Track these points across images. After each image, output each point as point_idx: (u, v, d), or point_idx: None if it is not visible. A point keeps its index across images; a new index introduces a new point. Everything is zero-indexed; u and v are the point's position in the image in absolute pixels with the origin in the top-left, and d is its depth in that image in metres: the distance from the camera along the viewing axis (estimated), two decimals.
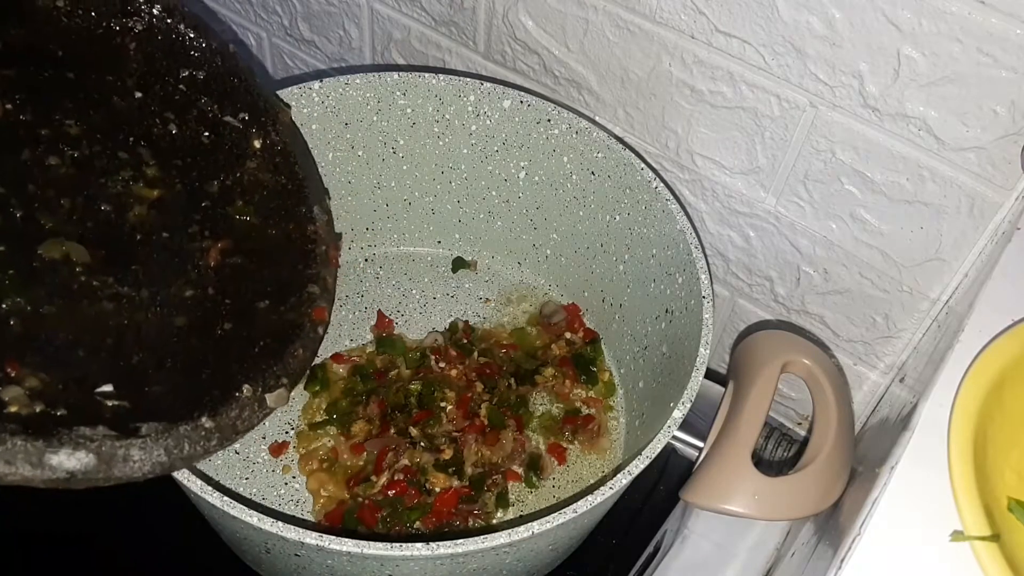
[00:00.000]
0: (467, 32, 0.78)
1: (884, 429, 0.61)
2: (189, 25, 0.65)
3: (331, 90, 0.72)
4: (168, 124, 0.63)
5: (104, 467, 0.45)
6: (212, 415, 0.51)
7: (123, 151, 0.61)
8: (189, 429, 0.50)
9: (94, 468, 0.45)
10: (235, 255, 0.61)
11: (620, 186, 0.72)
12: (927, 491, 0.43)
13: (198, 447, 0.50)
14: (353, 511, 0.65)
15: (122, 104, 0.62)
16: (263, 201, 0.64)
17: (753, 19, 0.60)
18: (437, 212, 0.82)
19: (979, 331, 0.49)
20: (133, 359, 0.53)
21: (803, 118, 0.63)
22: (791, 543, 0.68)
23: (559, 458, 0.71)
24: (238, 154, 0.65)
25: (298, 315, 0.60)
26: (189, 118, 0.64)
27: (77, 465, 0.44)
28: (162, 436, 0.48)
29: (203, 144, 0.64)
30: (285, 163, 0.66)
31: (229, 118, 0.64)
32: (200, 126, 0.64)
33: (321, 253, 0.64)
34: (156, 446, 0.48)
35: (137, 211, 0.59)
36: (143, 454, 0.47)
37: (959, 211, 0.61)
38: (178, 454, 0.49)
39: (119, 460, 0.46)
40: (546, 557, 0.63)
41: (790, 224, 0.69)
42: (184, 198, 0.62)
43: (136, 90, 0.63)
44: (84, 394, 0.48)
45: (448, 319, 0.79)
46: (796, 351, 0.65)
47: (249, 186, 0.64)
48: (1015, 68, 0.53)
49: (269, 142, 0.65)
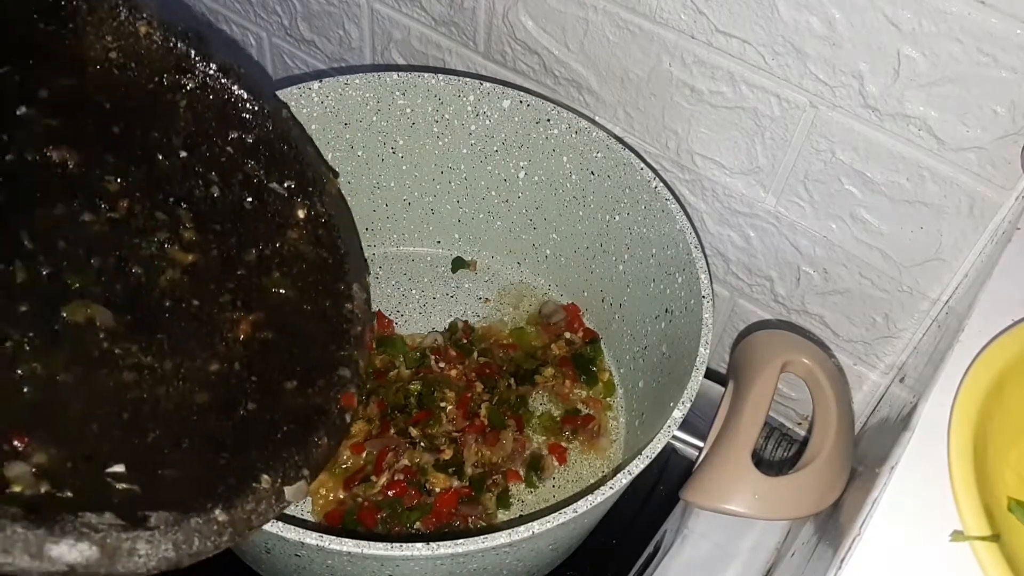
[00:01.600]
0: (467, 32, 0.78)
1: (884, 429, 0.61)
2: (243, 86, 0.62)
3: (331, 90, 0.72)
4: (211, 187, 0.60)
5: (107, 561, 0.42)
6: (226, 507, 0.48)
7: (161, 211, 0.58)
8: (201, 522, 0.46)
9: (96, 562, 0.42)
10: (266, 330, 0.58)
11: (620, 186, 0.72)
12: (927, 491, 0.43)
13: (208, 543, 0.46)
14: (353, 512, 0.65)
15: (165, 163, 0.60)
16: (301, 274, 0.62)
17: (753, 19, 0.60)
18: (437, 212, 0.82)
19: (979, 331, 0.49)
20: (148, 437, 0.49)
21: (803, 118, 0.63)
22: (791, 543, 0.69)
23: (560, 458, 0.71)
24: (280, 223, 0.62)
25: (325, 400, 0.57)
26: (233, 182, 0.61)
27: (78, 558, 0.41)
28: (171, 529, 0.45)
29: (245, 210, 0.61)
30: (328, 236, 0.63)
31: (275, 184, 0.62)
32: (244, 191, 0.62)
33: (356, 334, 0.61)
34: (164, 540, 0.44)
35: (169, 275, 0.56)
36: (150, 548, 0.44)
37: (959, 211, 0.61)
38: (186, 550, 0.45)
39: (124, 554, 0.43)
40: (546, 557, 0.63)
41: (790, 224, 0.69)
42: (219, 265, 0.59)
43: (182, 149, 0.60)
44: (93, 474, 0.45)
45: (448, 319, 0.79)
46: (796, 351, 0.65)
47: (288, 257, 0.62)
48: (1015, 68, 0.53)
49: (314, 213, 0.63)
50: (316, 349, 0.60)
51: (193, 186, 0.60)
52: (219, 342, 0.56)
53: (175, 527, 0.45)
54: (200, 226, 0.59)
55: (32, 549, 0.40)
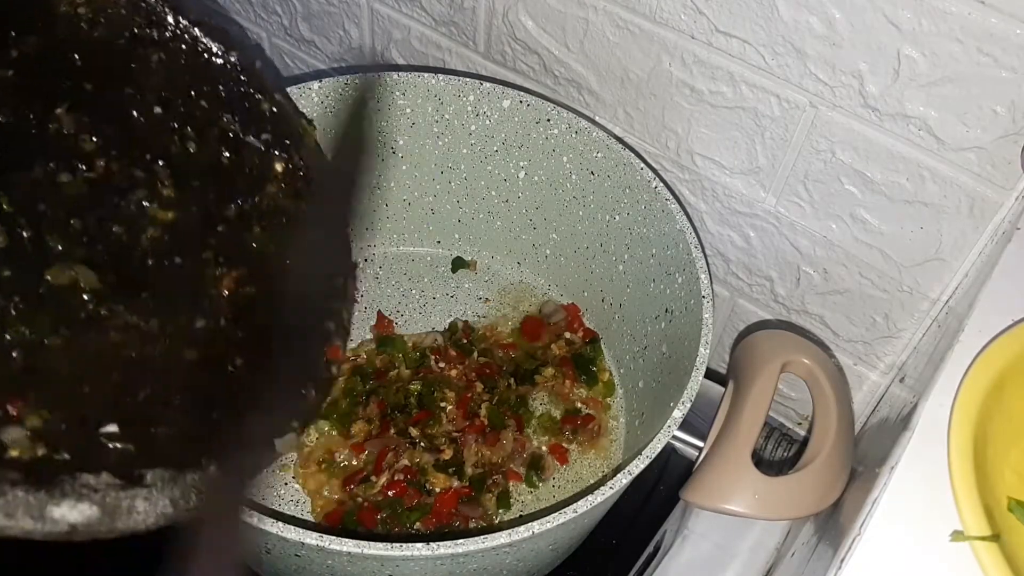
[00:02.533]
0: (467, 32, 0.78)
1: (884, 429, 0.61)
2: (215, 39, 0.62)
3: (331, 90, 0.72)
4: (187, 142, 0.60)
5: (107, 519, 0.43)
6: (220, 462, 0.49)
7: (139, 169, 0.58)
8: (196, 478, 0.47)
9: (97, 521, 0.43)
10: (250, 285, 0.59)
11: (620, 186, 0.72)
12: (927, 491, 0.43)
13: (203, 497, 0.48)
14: (353, 512, 0.65)
15: (140, 120, 0.59)
16: (282, 229, 0.62)
17: (753, 19, 0.60)
18: (437, 212, 0.82)
19: (979, 331, 0.49)
20: (139, 395, 0.50)
21: (803, 118, 0.63)
22: (791, 543, 0.69)
23: (561, 459, 0.71)
24: (258, 177, 0.62)
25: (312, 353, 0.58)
26: (209, 137, 0.61)
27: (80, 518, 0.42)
28: (168, 486, 0.46)
29: (222, 165, 0.61)
30: (307, 189, 0.63)
31: (251, 138, 0.62)
32: (220, 145, 0.61)
33: (339, 286, 0.62)
34: (162, 496, 0.45)
35: (151, 234, 0.56)
36: (148, 505, 0.45)
37: (959, 211, 0.61)
38: (184, 505, 0.46)
39: (123, 512, 0.44)
40: (546, 557, 0.63)
41: (790, 224, 0.69)
42: (200, 222, 0.59)
43: (156, 105, 0.60)
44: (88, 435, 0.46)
45: (448, 319, 0.79)
46: (796, 351, 0.65)
47: (268, 212, 0.62)
48: (1015, 68, 0.53)
49: (292, 166, 0.63)
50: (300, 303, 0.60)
51: (169, 142, 0.60)
52: (203, 299, 0.57)
53: (171, 483, 0.46)
54: (178, 183, 0.59)
55: (34, 512, 0.41)
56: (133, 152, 0.58)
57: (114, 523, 0.43)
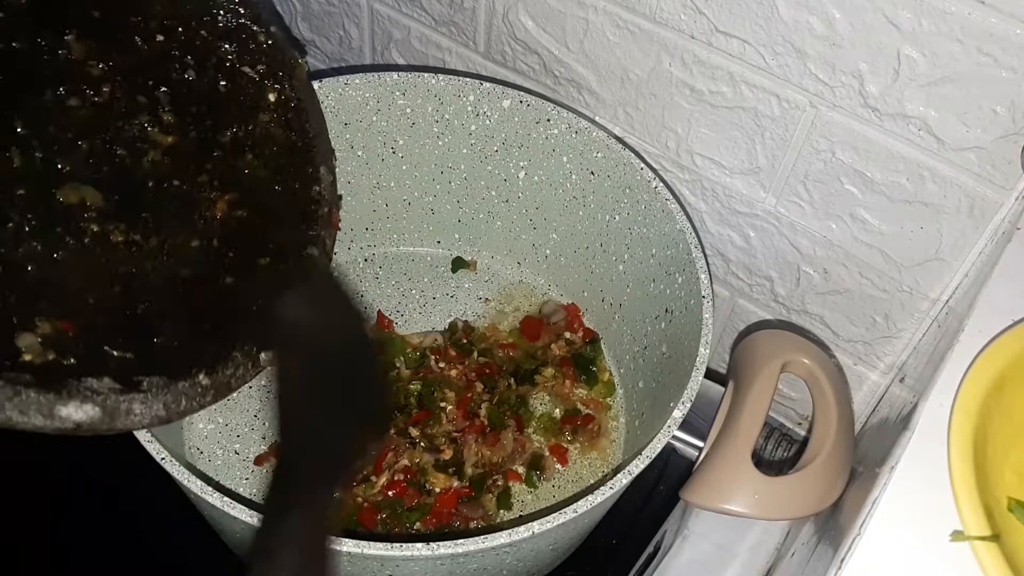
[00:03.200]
0: (467, 32, 0.78)
1: (884, 429, 0.61)
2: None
3: (331, 90, 0.72)
4: (187, 70, 0.63)
5: (108, 419, 0.47)
6: (209, 372, 0.52)
7: (142, 95, 0.61)
8: (187, 386, 0.51)
9: (99, 420, 0.47)
10: (241, 208, 0.62)
11: (619, 186, 0.72)
12: (927, 491, 0.43)
13: (194, 403, 0.52)
14: (353, 512, 0.65)
15: (144, 47, 0.62)
16: (272, 156, 0.65)
17: (753, 19, 0.60)
18: (437, 212, 0.82)
19: (979, 331, 0.49)
20: (139, 308, 0.54)
21: (803, 118, 0.63)
22: (791, 543, 0.68)
23: (561, 459, 0.71)
24: (252, 106, 0.65)
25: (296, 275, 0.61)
26: (208, 65, 0.64)
27: (84, 417, 0.46)
28: (162, 391, 0.50)
29: (219, 93, 0.64)
30: (297, 120, 0.66)
31: (247, 68, 0.65)
32: (217, 74, 0.64)
33: (323, 215, 0.64)
34: (156, 401, 0.49)
35: (151, 156, 0.60)
36: (144, 408, 0.49)
37: (959, 211, 0.61)
38: (175, 408, 0.51)
39: (122, 413, 0.48)
40: (546, 557, 0.63)
41: (790, 224, 0.69)
42: (196, 147, 0.62)
43: (159, 33, 0.63)
44: (92, 343, 0.50)
45: (448, 319, 0.79)
46: (796, 351, 0.65)
47: (260, 140, 0.64)
48: (1015, 68, 0.53)
49: (284, 97, 0.65)
50: (287, 228, 0.63)
51: (170, 69, 0.63)
52: (198, 220, 0.60)
53: (165, 390, 0.50)
54: (178, 108, 0.62)
55: (44, 411, 0.45)
56: (137, 78, 0.61)
57: (114, 422, 0.48)
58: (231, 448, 0.70)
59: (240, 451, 0.70)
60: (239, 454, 0.70)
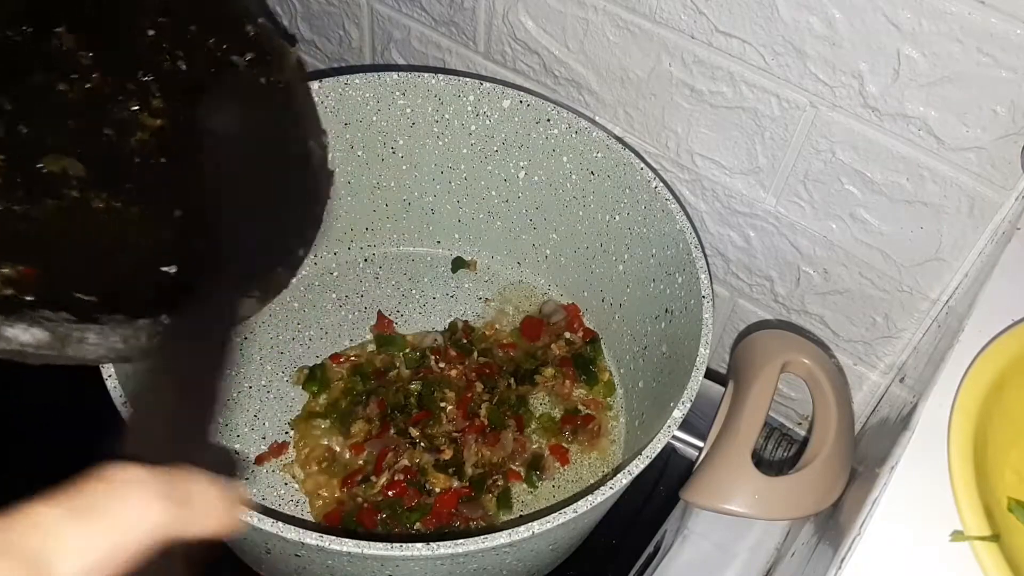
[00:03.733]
0: (467, 32, 0.78)
1: (884, 429, 0.61)
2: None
3: (331, 90, 0.72)
4: (177, 61, 0.64)
5: (58, 344, 0.47)
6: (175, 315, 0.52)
7: (131, 83, 0.62)
8: (148, 323, 0.50)
9: (47, 344, 0.46)
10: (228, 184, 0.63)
11: (619, 186, 0.72)
12: (927, 491, 0.43)
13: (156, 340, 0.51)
14: (353, 512, 0.65)
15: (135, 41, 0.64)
16: None
17: (753, 19, 0.60)
18: (437, 212, 0.82)
19: (979, 331, 0.49)
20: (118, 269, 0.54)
21: (803, 118, 0.63)
22: (791, 543, 0.69)
23: (560, 459, 0.71)
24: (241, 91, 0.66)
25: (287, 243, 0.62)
26: (197, 57, 0.65)
27: (30, 339, 0.46)
28: (120, 326, 0.49)
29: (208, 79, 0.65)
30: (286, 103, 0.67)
31: (235, 57, 0.65)
32: (207, 64, 0.66)
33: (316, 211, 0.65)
34: (114, 333, 0.49)
35: (139, 137, 0.61)
36: (99, 338, 0.48)
37: (959, 211, 0.61)
38: (135, 343, 0.49)
39: (73, 341, 0.47)
40: (546, 557, 0.63)
41: (790, 224, 0.69)
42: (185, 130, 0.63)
43: (150, 29, 0.65)
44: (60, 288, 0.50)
45: (448, 319, 0.79)
46: (796, 351, 0.65)
47: None
48: (1015, 68, 0.53)
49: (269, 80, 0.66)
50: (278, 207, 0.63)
51: (161, 60, 0.64)
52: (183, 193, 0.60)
53: (124, 324, 0.49)
54: (167, 95, 0.63)
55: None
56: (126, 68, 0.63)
57: (64, 349, 0.47)
58: (230, 448, 0.70)
59: (240, 451, 0.70)
60: (239, 454, 0.70)
